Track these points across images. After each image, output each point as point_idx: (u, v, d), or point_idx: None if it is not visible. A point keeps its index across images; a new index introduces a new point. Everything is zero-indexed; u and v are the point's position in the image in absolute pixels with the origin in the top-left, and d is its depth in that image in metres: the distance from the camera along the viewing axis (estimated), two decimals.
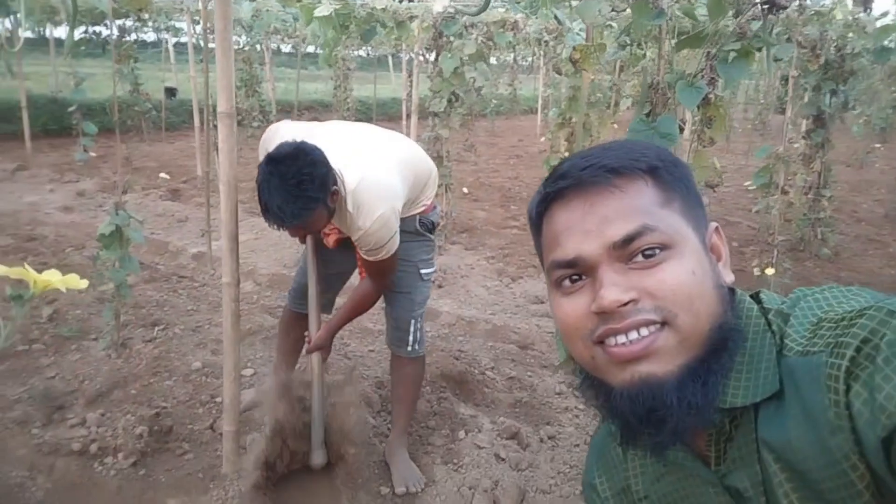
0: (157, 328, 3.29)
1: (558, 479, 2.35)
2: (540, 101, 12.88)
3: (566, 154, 4.42)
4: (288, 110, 11.48)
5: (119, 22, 9.59)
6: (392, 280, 2.21)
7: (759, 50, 1.86)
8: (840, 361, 0.53)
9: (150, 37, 17.09)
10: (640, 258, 0.60)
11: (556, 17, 2.55)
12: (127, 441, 2.39)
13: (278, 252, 4.81)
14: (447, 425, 2.64)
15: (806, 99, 4.55)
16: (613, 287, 0.58)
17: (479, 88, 4.81)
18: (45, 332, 3.19)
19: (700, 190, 2.13)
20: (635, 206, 0.61)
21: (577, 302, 0.62)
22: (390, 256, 2.06)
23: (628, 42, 2.59)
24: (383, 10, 4.07)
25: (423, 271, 2.27)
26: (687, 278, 0.59)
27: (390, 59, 21.74)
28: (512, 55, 13.92)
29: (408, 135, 5.59)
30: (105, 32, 9.14)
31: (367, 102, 14.14)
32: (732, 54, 1.80)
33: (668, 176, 0.64)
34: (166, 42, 17.32)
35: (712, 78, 1.84)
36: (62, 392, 2.72)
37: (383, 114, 14.12)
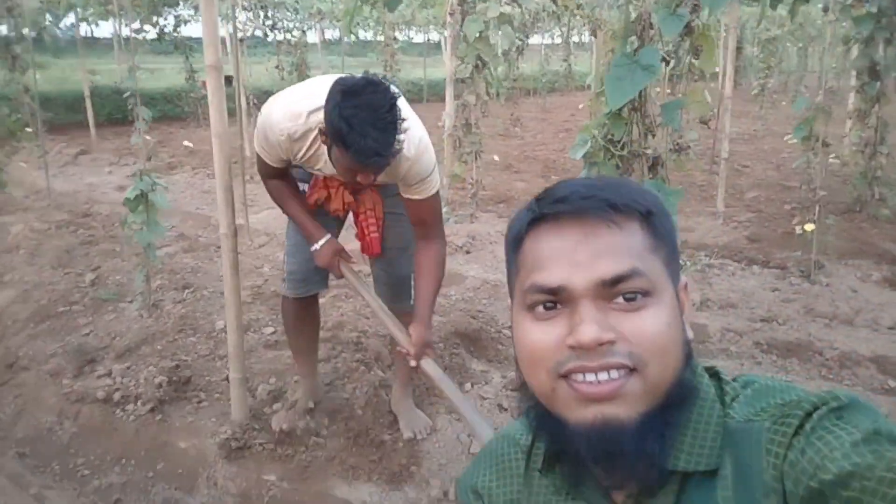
0: (186, 291, 3.43)
1: None
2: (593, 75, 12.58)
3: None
4: None
5: (175, 12, 9.98)
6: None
7: None
8: (785, 429, 0.56)
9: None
10: (620, 300, 0.59)
11: None
12: (147, 390, 2.51)
13: None
14: (456, 378, 2.64)
15: (857, 50, 4.25)
16: (595, 324, 0.58)
17: (506, 52, 4.72)
18: (85, 295, 3.39)
19: (695, 124, 2.03)
20: (628, 246, 0.61)
21: (549, 331, 0.61)
22: (437, 191, 1.95)
23: None
24: None
25: None
26: (663, 328, 0.59)
27: (443, 41, 21.73)
28: (564, 29, 13.62)
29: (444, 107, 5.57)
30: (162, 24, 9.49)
31: (419, 84, 14.21)
32: None
33: (660, 224, 0.64)
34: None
35: (695, 5, 1.75)
36: (94, 347, 2.88)
37: (434, 94, 14.09)
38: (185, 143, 7.34)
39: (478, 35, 4.26)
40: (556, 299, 0.61)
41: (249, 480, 2.14)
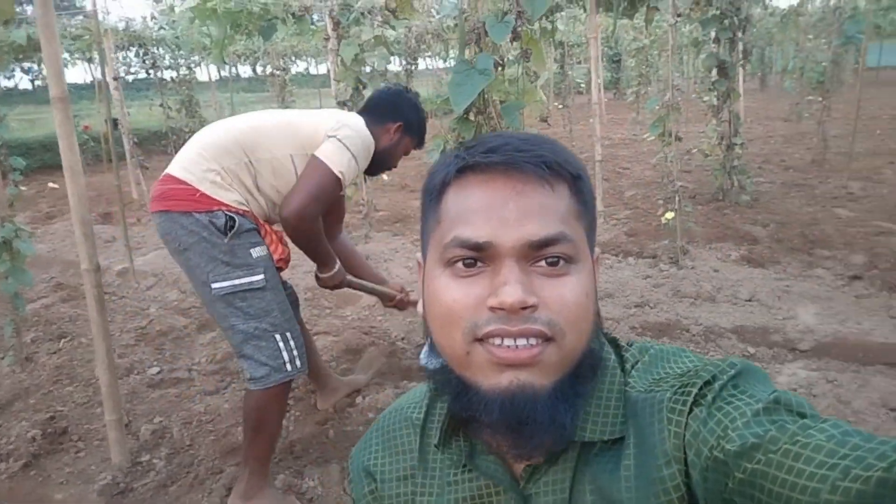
0: (63, 340, 3.27)
1: None
2: None
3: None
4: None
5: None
6: None
7: None
8: (685, 398, 0.56)
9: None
10: (543, 264, 0.57)
11: None
12: (19, 446, 2.38)
13: None
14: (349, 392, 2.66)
15: (703, 52, 4.64)
16: (519, 286, 0.55)
17: (384, 73, 4.83)
18: None
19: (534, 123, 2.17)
20: (558, 209, 0.58)
21: (469, 289, 0.57)
22: None
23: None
24: (275, 3, 4.08)
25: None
26: (581, 298, 0.57)
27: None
28: (453, 52, 13.99)
29: None
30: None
31: None
32: None
33: (586, 190, 0.62)
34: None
35: (520, 12, 1.89)
36: None
37: None
38: (51, 184, 7.10)
39: (354, 58, 4.34)
40: (478, 256, 0.57)
41: None
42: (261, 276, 1.87)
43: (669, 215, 3.61)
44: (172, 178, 1.87)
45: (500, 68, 1.94)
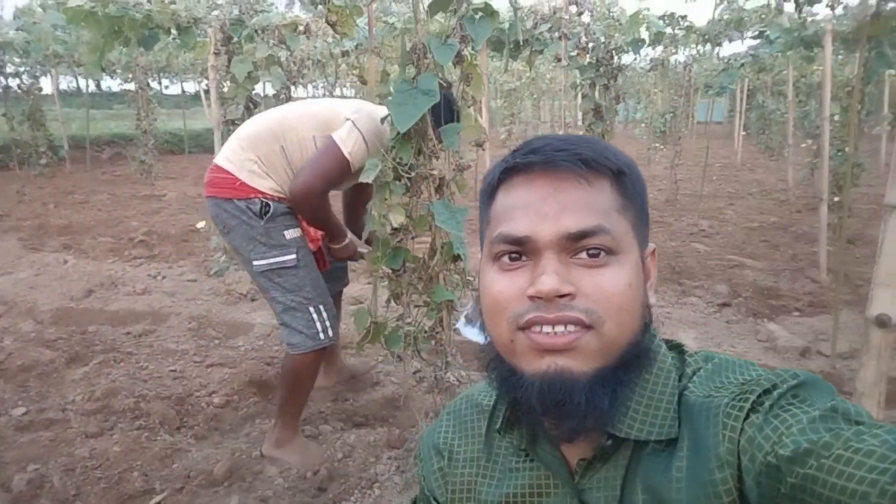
0: None
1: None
2: None
3: None
4: (82, 146, 10.51)
5: None
6: None
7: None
8: (743, 404, 0.57)
9: None
10: (584, 255, 0.59)
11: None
12: None
13: (64, 286, 4.29)
14: (258, 424, 2.48)
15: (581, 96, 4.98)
16: (555, 275, 0.58)
17: (278, 94, 4.70)
18: None
19: (470, 148, 2.20)
20: (596, 203, 0.61)
21: (513, 281, 0.61)
22: None
23: None
24: (160, 11, 3.82)
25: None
26: (622, 289, 0.59)
27: (203, 94, 20.81)
28: (329, 79, 13.90)
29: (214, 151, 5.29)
30: None
31: (179, 134, 13.42)
32: (479, 14, 1.91)
33: (630, 185, 0.64)
34: None
35: (463, 36, 1.92)
36: None
37: (197, 145, 13.41)
38: None
39: (247, 75, 4.17)
40: (521, 250, 0.61)
41: None
42: (293, 256, 2.07)
43: None
44: (218, 168, 2.08)
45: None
